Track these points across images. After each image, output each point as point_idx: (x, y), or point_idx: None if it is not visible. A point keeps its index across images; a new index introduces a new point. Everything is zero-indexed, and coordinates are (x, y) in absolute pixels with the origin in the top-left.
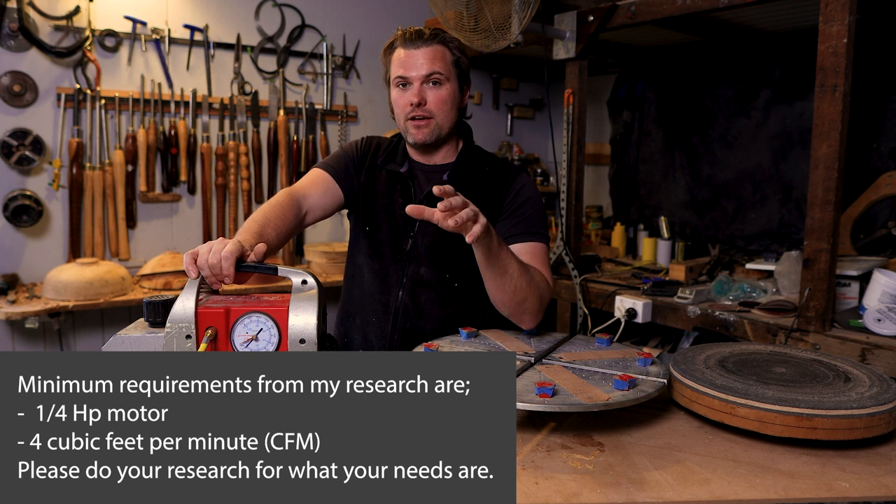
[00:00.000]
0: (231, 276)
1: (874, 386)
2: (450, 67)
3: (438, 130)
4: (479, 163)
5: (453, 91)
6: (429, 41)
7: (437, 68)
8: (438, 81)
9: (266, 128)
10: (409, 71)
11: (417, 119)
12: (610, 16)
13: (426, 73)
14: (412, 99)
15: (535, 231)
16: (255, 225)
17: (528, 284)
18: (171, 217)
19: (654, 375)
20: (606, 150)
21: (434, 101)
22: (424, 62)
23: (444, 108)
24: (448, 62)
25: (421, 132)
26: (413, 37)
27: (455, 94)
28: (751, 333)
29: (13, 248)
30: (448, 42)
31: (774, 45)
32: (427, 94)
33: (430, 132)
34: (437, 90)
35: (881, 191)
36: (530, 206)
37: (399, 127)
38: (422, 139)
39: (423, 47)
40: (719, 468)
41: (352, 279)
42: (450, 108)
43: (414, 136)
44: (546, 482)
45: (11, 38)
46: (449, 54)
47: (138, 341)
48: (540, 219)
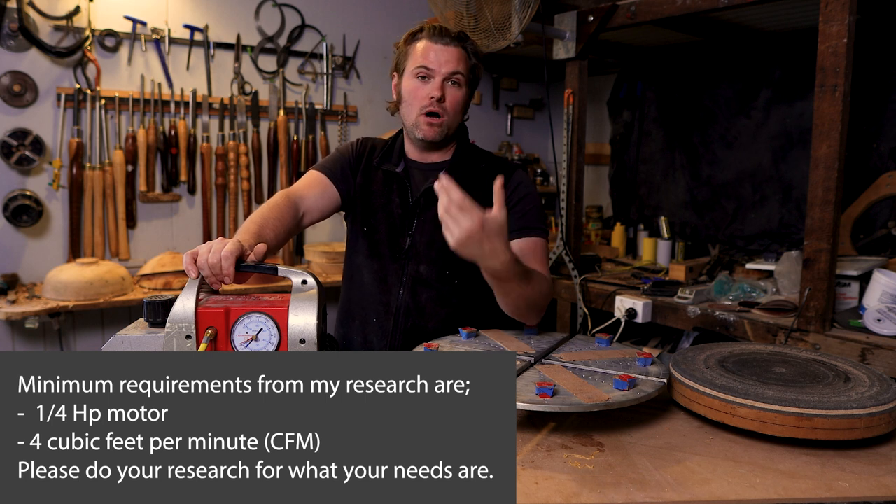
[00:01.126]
0: (231, 276)
1: (874, 386)
2: (469, 72)
3: (447, 130)
4: (476, 160)
5: (466, 95)
6: (458, 41)
7: (461, 69)
8: (458, 83)
9: (266, 128)
10: (435, 65)
11: (432, 115)
12: (610, 16)
13: (451, 70)
14: (434, 92)
15: (533, 226)
16: (253, 226)
17: (531, 289)
18: (171, 217)
19: (654, 375)
20: (606, 150)
21: (451, 100)
22: (451, 60)
23: (456, 110)
24: (468, 66)
25: (433, 129)
26: (441, 32)
27: (466, 98)
28: (751, 333)
29: (13, 248)
30: (470, 47)
31: (774, 45)
32: (447, 92)
33: (441, 131)
34: (455, 91)
35: (881, 191)
36: (528, 202)
37: (407, 118)
38: (432, 137)
39: (451, 46)
40: (719, 468)
41: (351, 280)
42: (461, 110)
43: (425, 133)
44: (546, 482)
45: (11, 38)
46: (470, 59)
47: (138, 341)
48: (537, 214)
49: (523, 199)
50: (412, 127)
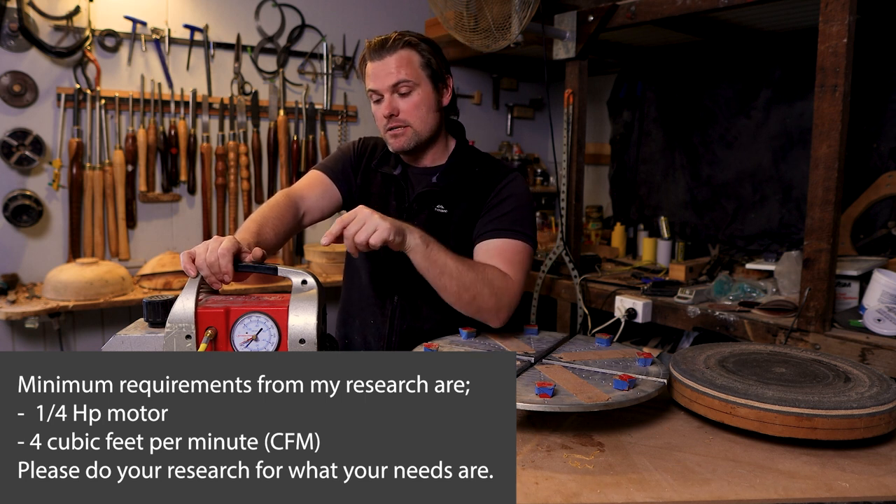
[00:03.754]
0: (230, 274)
1: (874, 386)
2: (419, 71)
3: (416, 137)
4: (470, 164)
5: (426, 95)
6: (392, 48)
7: (404, 76)
8: (408, 89)
9: (266, 128)
10: (377, 83)
11: (394, 129)
12: (610, 16)
13: (393, 83)
14: (384, 111)
15: (509, 228)
16: (253, 225)
17: (475, 281)
18: (171, 217)
19: (654, 375)
20: (606, 150)
21: (406, 109)
22: (390, 72)
23: (418, 115)
24: (416, 66)
25: (398, 140)
26: (377, 47)
27: (430, 96)
28: (751, 333)
29: (13, 248)
30: (415, 44)
31: (774, 45)
32: (398, 104)
33: (408, 140)
34: (407, 98)
35: (881, 191)
36: (509, 204)
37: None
38: (399, 147)
39: (387, 56)
40: (719, 468)
41: (350, 280)
42: (425, 112)
43: (392, 145)
44: (546, 482)
45: (11, 38)
46: (417, 57)
47: (138, 341)
48: (518, 217)
49: (504, 200)
50: (387, 144)
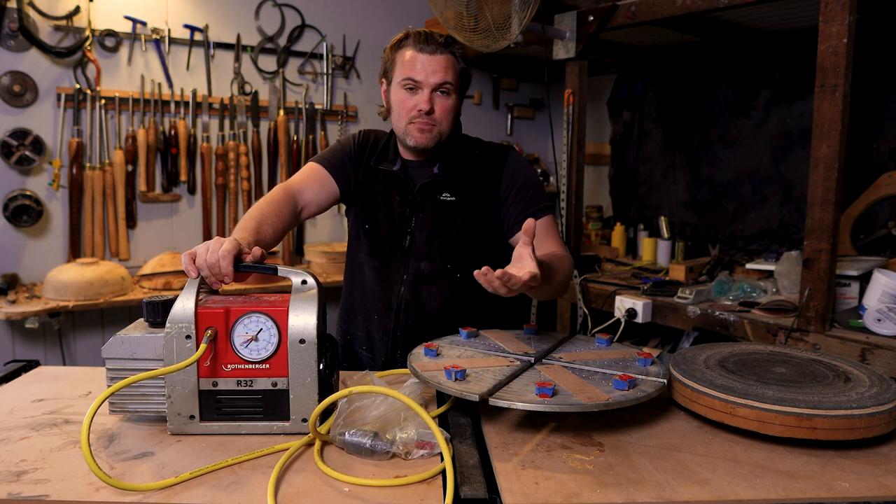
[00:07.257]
0: (230, 275)
1: (874, 386)
2: (458, 78)
3: (440, 137)
4: (467, 149)
5: (456, 102)
6: (444, 49)
7: (449, 78)
8: (448, 91)
9: (266, 128)
10: (422, 76)
11: (424, 124)
12: (610, 16)
13: (439, 81)
14: (422, 105)
15: (539, 206)
16: (251, 222)
17: (562, 276)
18: (171, 217)
19: (654, 375)
20: (606, 150)
21: (441, 110)
22: (438, 70)
23: (448, 118)
24: (456, 72)
25: (424, 136)
26: (426, 40)
27: (458, 104)
28: (751, 333)
29: (13, 248)
30: (457, 52)
31: (774, 45)
32: (436, 103)
33: (433, 138)
34: (445, 100)
35: (881, 191)
36: (527, 188)
37: (396, 126)
38: (423, 142)
39: (437, 54)
40: (719, 468)
41: (353, 277)
42: (453, 116)
43: (416, 140)
44: (546, 482)
45: (11, 38)
46: (457, 64)
47: (138, 341)
48: (538, 193)
49: (521, 185)
50: (403, 135)
